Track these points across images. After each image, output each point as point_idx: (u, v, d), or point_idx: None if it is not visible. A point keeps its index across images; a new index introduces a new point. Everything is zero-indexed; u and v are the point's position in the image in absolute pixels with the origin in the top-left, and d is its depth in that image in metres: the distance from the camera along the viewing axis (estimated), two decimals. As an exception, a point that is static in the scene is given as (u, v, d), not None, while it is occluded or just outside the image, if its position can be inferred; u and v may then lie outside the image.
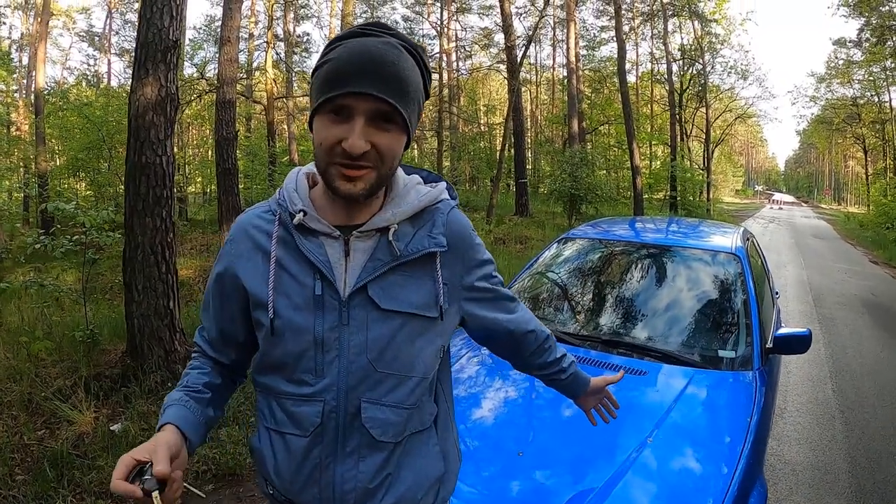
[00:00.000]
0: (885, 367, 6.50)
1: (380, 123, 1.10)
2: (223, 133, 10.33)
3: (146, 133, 4.62)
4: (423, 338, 1.25)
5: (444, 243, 1.26)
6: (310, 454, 1.22)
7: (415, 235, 1.24)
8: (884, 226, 25.10)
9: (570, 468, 2.17)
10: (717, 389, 2.76)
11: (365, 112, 1.08)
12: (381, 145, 1.10)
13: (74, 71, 36.03)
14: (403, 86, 1.09)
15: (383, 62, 1.07)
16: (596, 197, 19.90)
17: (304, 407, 1.21)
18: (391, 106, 1.08)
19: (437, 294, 1.25)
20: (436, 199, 1.29)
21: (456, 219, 1.31)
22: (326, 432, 1.21)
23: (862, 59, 32.02)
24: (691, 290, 3.50)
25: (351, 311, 1.18)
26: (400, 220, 1.22)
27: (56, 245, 5.25)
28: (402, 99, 1.10)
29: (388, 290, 1.20)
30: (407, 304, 1.22)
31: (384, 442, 1.22)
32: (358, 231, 1.20)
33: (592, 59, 35.32)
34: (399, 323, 1.21)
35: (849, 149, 55.43)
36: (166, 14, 4.67)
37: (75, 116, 17.26)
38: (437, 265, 1.26)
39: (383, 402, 1.21)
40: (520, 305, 1.50)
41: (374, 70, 1.06)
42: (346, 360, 1.19)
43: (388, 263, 1.20)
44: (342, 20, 16.83)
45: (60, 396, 4.22)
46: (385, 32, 1.12)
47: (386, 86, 1.07)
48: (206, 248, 14.29)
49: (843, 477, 4.07)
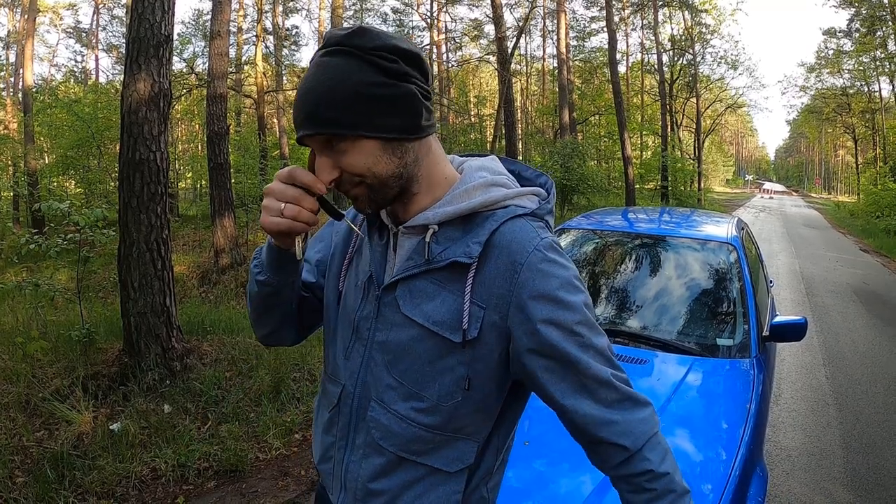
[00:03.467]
0: (877, 354, 6.57)
1: (332, 150, 1.04)
2: (214, 128, 10.27)
3: (139, 129, 4.59)
4: (444, 362, 1.09)
5: (474, 254, 1.06)
6: (329, 431, 1.26)
7: (460, 240, 1.09)
8: (874, 215, 25.29)
9: (574, 457, 2.18)
10: (715, 377, 2.79)
11: (317, 149, 1.06)
12: (346, 166, 1.04)
13: (62, 68, 35.78)
14: (329, 104, 1.00)
15: (305, 99, 1.02)
16: (588, 187, 19.95)
17: (330, 385, 1.26)
18: (323, 135, 1.02)
19: (460, 314, 1.07)
20: (494, 202, 1.11)
21: (512, 229, 1.09)
22: (341, 416, 1.22)
23: (852, 48, 32.11)
24: (688, 279, 3.52)
25: (381, 307, 1.15)
26: (441, 220, 1.09)
27: (51, 244, 5.23)
28: (331, 119, 1.01)
29: (414, 296, 1.11)
30: (424, 317, 1.09)
31: (384, 448, 1.15)
32: (403, 227, 1.14)
33: (583, 49, 35.37)
34: (418, 334, 1.10)
35: (839, 138, 55.71)
36: (158, 9, 4.64)
37: (64, 114, 17.17)
38: (469, 280, 1.07)
39: (390, 409, 1.14)
40: (620, 402, 1.09)
41: (300, 110, 1.03)
42: (368, 353, 1.17)
43: (420, 266, 1.10)
44: (332, 13, 16.76)
45: (58, 397, 4.20)
46: (325, 46, 1.05)
47: (311, 119, 1.02)
48: (198, 243, 14.26)
49: (837, 462, 4.12)
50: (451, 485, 1.15)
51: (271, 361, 5.02)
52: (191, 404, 4.33)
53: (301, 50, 30.92)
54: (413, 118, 1.05)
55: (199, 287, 9.96)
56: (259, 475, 3.72)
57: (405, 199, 1.13)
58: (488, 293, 1.07)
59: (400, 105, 1.03)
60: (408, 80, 1.04)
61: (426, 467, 1.14)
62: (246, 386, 4.65)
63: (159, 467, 3.61)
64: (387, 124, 1.03)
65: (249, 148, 17.76)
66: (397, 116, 1.03)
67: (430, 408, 1.11)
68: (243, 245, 11.76)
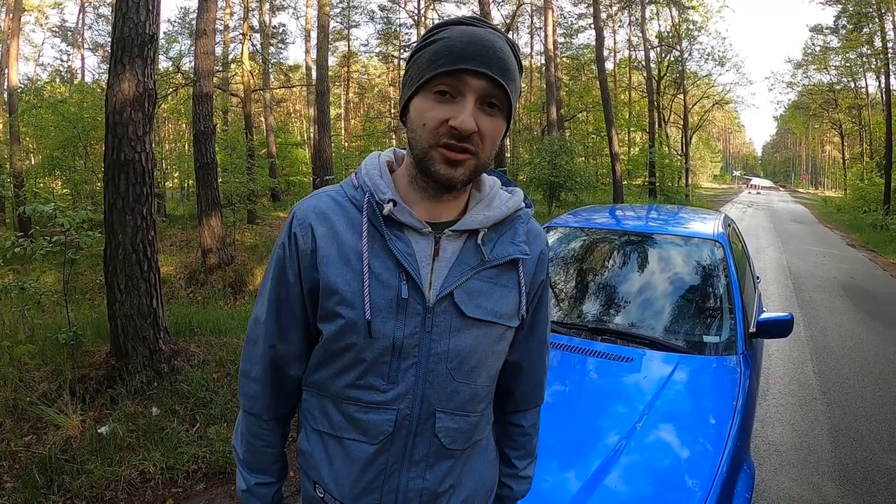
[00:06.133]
0: (864, 348, 6.62)
1: (487, 107, 1.06)
2: (201, 127, 10.21)
3: (124, 130, 4.55)
4: (499, 345, 1.23)
5: (527, 251, 1.21)
6: (375, 461, 1.16)
7: (498, 241, 1.19)
8: (860, 209, 25.52)
9: (562, 455, 2.19)
10: (702, 374, 2.80)
11: (476, 91, 1.04)
12: (485, 129, 1.06)
13: (48, 67, 35.49)
14: (511, 74, 1.07)
15: (494, 47, 1.05)
16: (575, 184, 19.96)
17: (373, 415, 1.14)
18: (502, 89, 1.05)
19: (519, 303, 1.22)
20: (518, 206, 1.23)
21: (537, 229, 1.29)
22: (397, 441, 1.15)
23: (839, 45, 32.30)
24: (674, 276, 3.54)
25: (435, 318, 1.12)
26: (490, 224, 1.17)
27: (36, 247, 5.18)
28: (512, 86, 1.07)
29: (474, 297, 1.15)
30: (491, 314, 1.17)
31: (453, 450, 1.19)
32: (450, 229, 1.15)
33: (570, 46, 35.41)
34: (482, 332, 1.17)
35: (825, 134, 56.15)
36: (142, 8, 4.60)
37: (50, 114, 17.00)
38: (521, 273, 1.22)
39: (457, 412, 1.18)
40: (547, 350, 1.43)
41: (486, 52, 1.04)
42: (424, 369, 1.13)
43: (475, 268, 1.15)
44: (318, 10, 16.67)
45: (46, 401, 4.17)
46: (487, 24, 1.10)
47: (498, 68, 1.04)
48: (185, 243, 14.18)
49: (825, 456, 4.15)
50: (487, 444, 1.33)
51: (260, 362, 4.98)
52: (179, 406, 4.31)
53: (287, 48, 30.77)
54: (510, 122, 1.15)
55: (187, 288, 9.91)
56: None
57: (459, 192, 1.18)
58: (528, 280, 1.25)
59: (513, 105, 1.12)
60: None
61: (475, 443, 1.27)
62: (234, 387, 4.63)
63: (148, 470, 3.59)
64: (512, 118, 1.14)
65: (236, 147, 17.63)
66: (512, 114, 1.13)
67: (487, 392, 1.26)
68: (231, 245, 11.71)
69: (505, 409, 1.41)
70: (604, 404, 2.56)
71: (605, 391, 2.67)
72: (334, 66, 34.94)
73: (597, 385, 2.72)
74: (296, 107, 46.98)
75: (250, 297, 8.91)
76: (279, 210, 21.45)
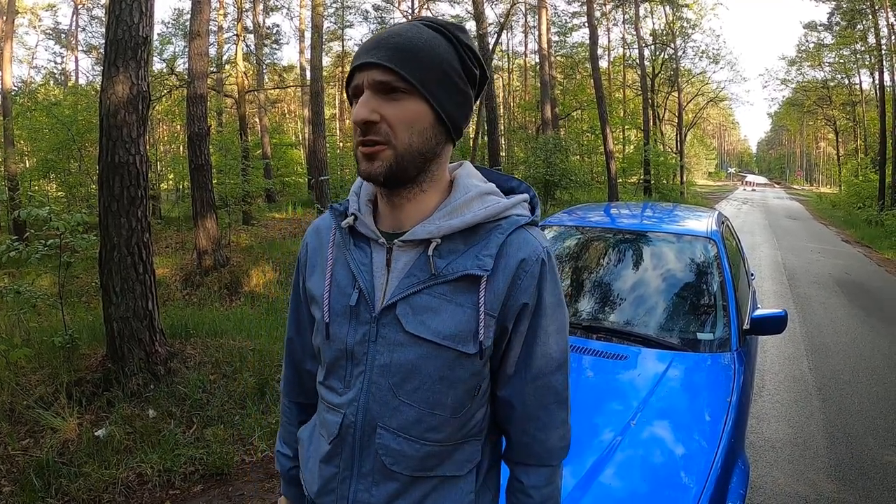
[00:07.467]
0: (859, 344, 6.65)
1: (386, 94, 1.03)
2: (195, 129, 10.18)
3: (118, 132, 4.55)
4: (455, 375, 1.10)
5: (488, 266, 1.07)
6: (329, 462, 1.18)
7: (463, 254, 1.09)
8: (855, 205, 25.60)
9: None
10: (696, 371, 2.82)
11: (369, 84, 1.03)
12: (390, 116, 1.03)
13: (42, 70, 35.36)
14: (412, 54, 1.02)
15: (393, 35, 1.03)
16: (571, 182, 20.01)
17: (330, 415, 1.18)
18: (393, 73, 1.01)
19: (476, 326, 1.08)
20: (497, 214, 1.12)
21: (518, 240, 1.11)
22: (345, 446, 1.15)
23: (833, 42, 32.38)
24: (668, 274, 3.55)
25: (380, 329, 1.10)
26: (445, 233, 1.08)
27: (31, 250, 5.17)
28: (410, 65, 1.01)
29: (418, 313, 1.08)
30: (434, 333, 1.07)
31: (396, 472, 1.12)
32: (400, 240, 1.10)
33: (564, 44, 35.48)
34: (426, 352, 1.08)
35: (820, 130, 56.25)
36: (136, 10, 4.60)
37: (44, 117, 16.95)
38: (481, 291, 1.08)
39: (399, 433, 1.11)
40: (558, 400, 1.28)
41: (379, 44, 1.03)
42: (368, 379, 1.12)
43: (425, 282, 1.08)
44: (312, 10, 16.63)
45: (42, 404, 4.17)
46: (425, 19, 1.08)
47: (389, 54, 1.01)
48: (181, 245, 14.15)
49: (821, 452, 4.17)
50: (464, 485, 1.18)
51: (255, 363, 5.00)
52: (175, 408, 4.31)
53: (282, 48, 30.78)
54: (462, 120, 1.12)
55: (183, 289, 9.87)
56: (245, 478, 3.71)
57: (412, 194, 1.12)
58: (498, 302, 1.10)
59: (461, 102, 1.10)
60: (472, 89, 1.12)
61: (439, 478, 1.15)
62: (230, 388, 4.63)
63: (145, 473, 3.59)
64: (446, 105, 1.07)
65: (231, 148, 17.58)
66: (456, 108, 1.09)
67: (441, 423, 1.12)
68: (226, 246, 11.69)
69: (507, 456, 1.27)
70: (599, 402, 2.56)
71: (600, 389, 2.68)
72: (329, 66, 34.90)
73: (592, 383, 2.73)
74: (290, 107, 46.94)
75: (246, 298, 8.90)
76: (274, 211, 21.43)
